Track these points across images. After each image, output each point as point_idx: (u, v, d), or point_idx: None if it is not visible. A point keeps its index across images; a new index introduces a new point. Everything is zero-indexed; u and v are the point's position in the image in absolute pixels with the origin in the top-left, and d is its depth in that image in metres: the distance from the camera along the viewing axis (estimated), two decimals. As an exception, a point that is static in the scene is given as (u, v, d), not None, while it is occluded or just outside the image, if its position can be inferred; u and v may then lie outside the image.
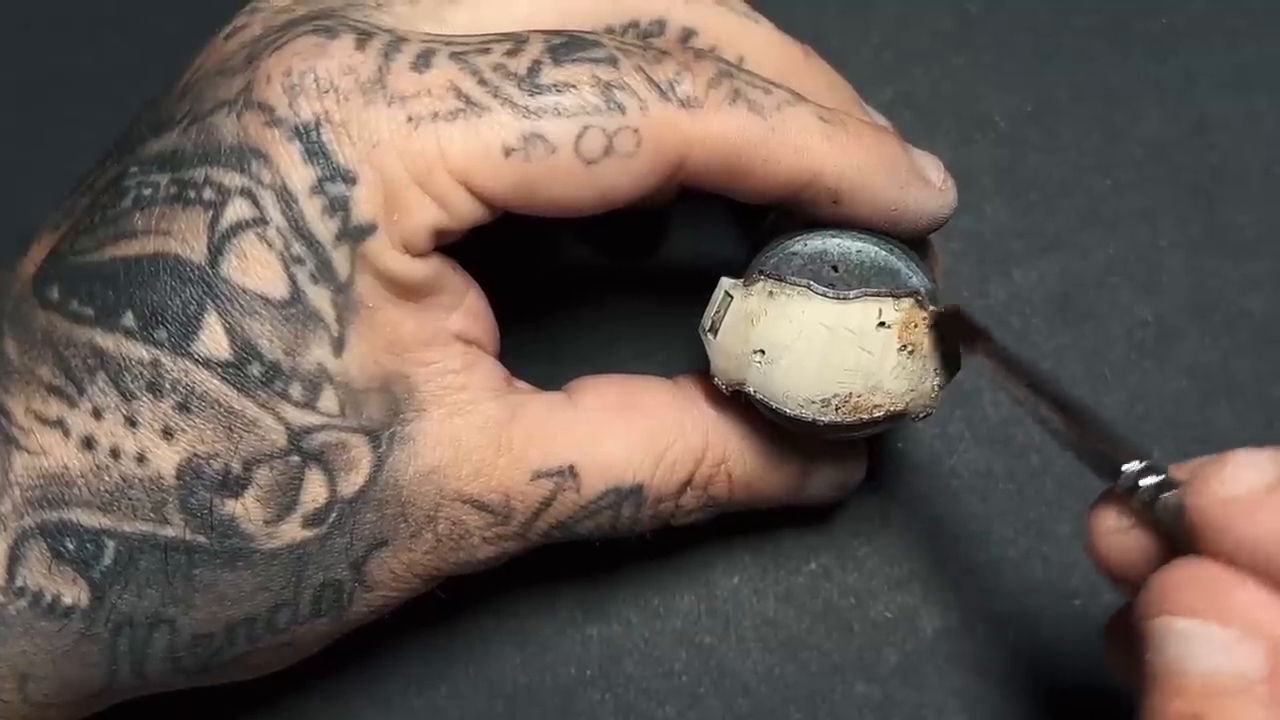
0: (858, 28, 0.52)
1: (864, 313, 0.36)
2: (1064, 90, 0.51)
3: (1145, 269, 0.49)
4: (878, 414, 0.37)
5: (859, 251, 0.37)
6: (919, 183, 0.38)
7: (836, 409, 0.37)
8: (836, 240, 0.37)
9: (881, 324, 0.36)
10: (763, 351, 0.37)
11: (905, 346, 0.37)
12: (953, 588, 0.46)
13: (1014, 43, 0.52)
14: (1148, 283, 0.49)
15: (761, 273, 0.37)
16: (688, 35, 0.39)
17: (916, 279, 0.37)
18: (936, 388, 0.38)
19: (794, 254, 0.37)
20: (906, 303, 0.37)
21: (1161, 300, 0.49)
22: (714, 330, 0.37)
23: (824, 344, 0.36)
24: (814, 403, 0.37)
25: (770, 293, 0.37)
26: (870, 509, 0.47)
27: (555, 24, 0.37)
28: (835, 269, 0.37)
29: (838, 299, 0.36)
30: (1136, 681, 0.32)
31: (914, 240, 0.39)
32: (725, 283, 0.37)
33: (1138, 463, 0.32)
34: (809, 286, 0.36)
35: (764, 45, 0.40)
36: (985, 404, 0.48)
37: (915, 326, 0.37)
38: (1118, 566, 0.34)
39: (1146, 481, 0.32)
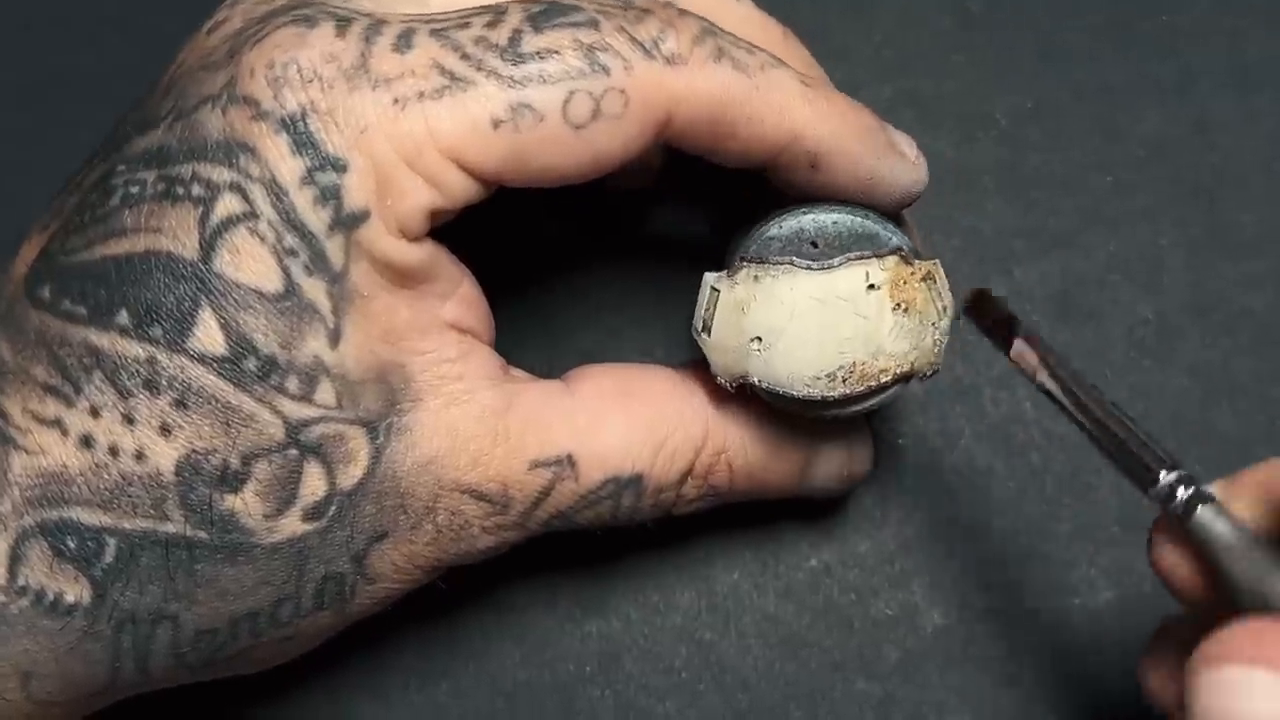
0: (859, 26, 0.52)
1: (851, 278, 0.36)
2: (1065, 89, 0.51)
3: (1146, 268, 0.49)
4: (885, 379, 0.37)
5: (835, 223, 0.37)
6: (894, 154, 0.38)
7: (844, 380, 0.37)
8: (811, 216, 0.37)
9: (871, 286, 0.36)
10: (759, 338, 0.37)
11: (899, 305, 0.37)
12: (953, 585, 0.46)
13: (1015, 41, 0.52)
14: (1148, 281, 0.49)
15: (743, 259, 0.37)
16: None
17: (897, 238, 0.37)
18: (937, 342, 0.38)
19: (771, 237, 0.37)
20: (891, 261, 0.37)
21: (1162, 299, 0.49)
22: (706, 329, 0.37)
23: (818, 317, 0.36)
24: (820, 379, 0.37)
25: (755, 277, 0.37)
26: (871, 506, 0.47)
27: None
28: (814, 244, 0.37)
29: (823, 269, 0.36)
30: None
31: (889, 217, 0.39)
32: (709, 278, 0.37)
33: (1172, 473, 0.32)
34: (791, 262, 0.36)
35: (743, 23, 0.40)
36: (985, 401, 0.48)
37: (905, 283, 0.37)
38: (1175, 581, 0.34)
39: (1181, 493, 0.32)
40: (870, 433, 0.44)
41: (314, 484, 0.35)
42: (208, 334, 0.33)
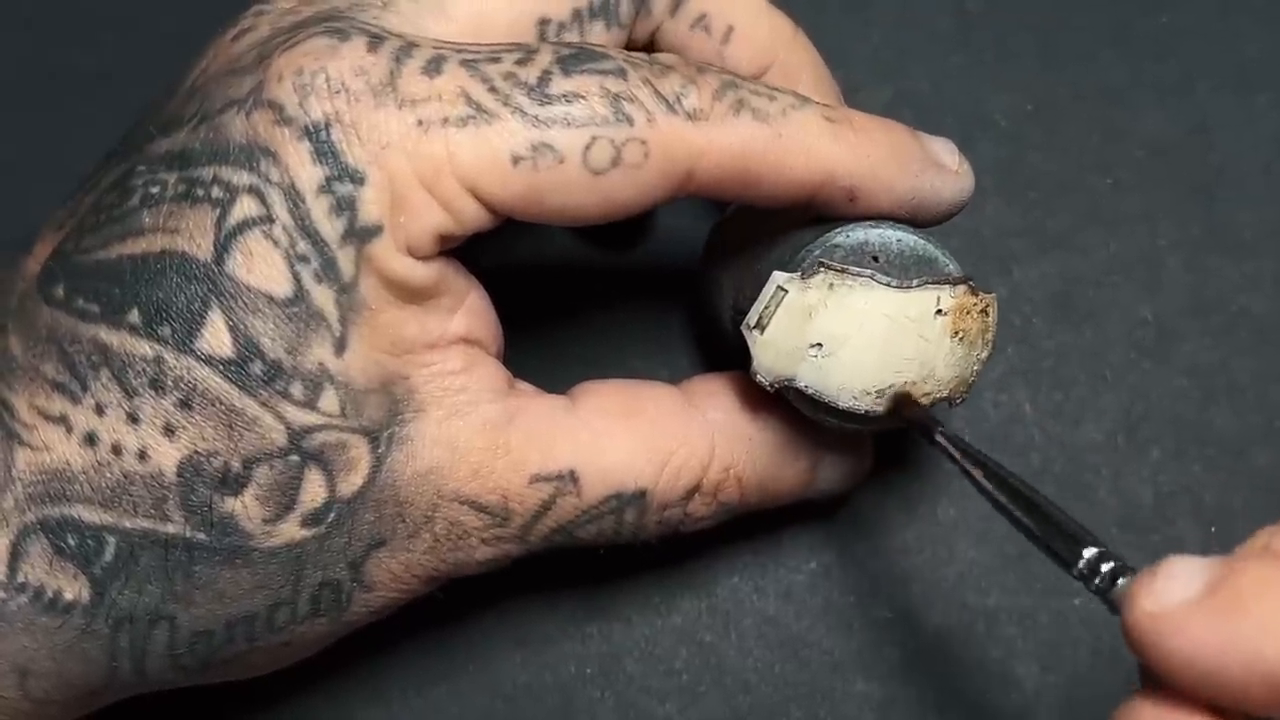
0: (858, 26, 0.52)
1: (924, 301, 0.36)
2: (1064, 89, 0.51)
3: (1145, 268, 0.49)
4: (925, 402, 0.37)
5: (898, 241, 0.37)
6: (933, 169, 0.38)
7: (890, 399, 0.37)
8: (877, 231, 0.37)
9: (939, 311, 0.36)
10: (820, 345, 0.36)
11: (958, 333, 0.36)
12: (953, 586, 0.46)
13: (1014, 42, 0.52)
14: (1148, 282, 0.49)
15: (821, 264, 0.36)
16: (678, 3, 0.39)
17: (953, 264, 0.37)
18: (975, 373, 0.38)
19: (836, 246, 0.37)
20: (961, 290, 0.37)
21: (1161, 300, 0.49)
22: (761, 327, 0.37)
23: (885, 334, 0.36)
24: (869, 394, 0.37)
25: (831, 285, 0.36)
26: (871, 508, 0.47)
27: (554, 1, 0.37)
28: (876, 259, 0.37)
29: (901, 288, 0.36)
30: None
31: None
32: (779, 277, 0.37)
33: (1093, 549, 0.31)
34: (872, 277, 0.36)
35: (753, 16, 0.40)
36: (986, 404, 0.48)
37: (968, 313, 0.37)
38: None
39: (1104, 568, 0.31)
40: (871, 435, 0.43)
41: (314, 490, 0.35)
42: (215, 336, 0.33)
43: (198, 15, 0.39)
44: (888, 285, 0.36)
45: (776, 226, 0.39)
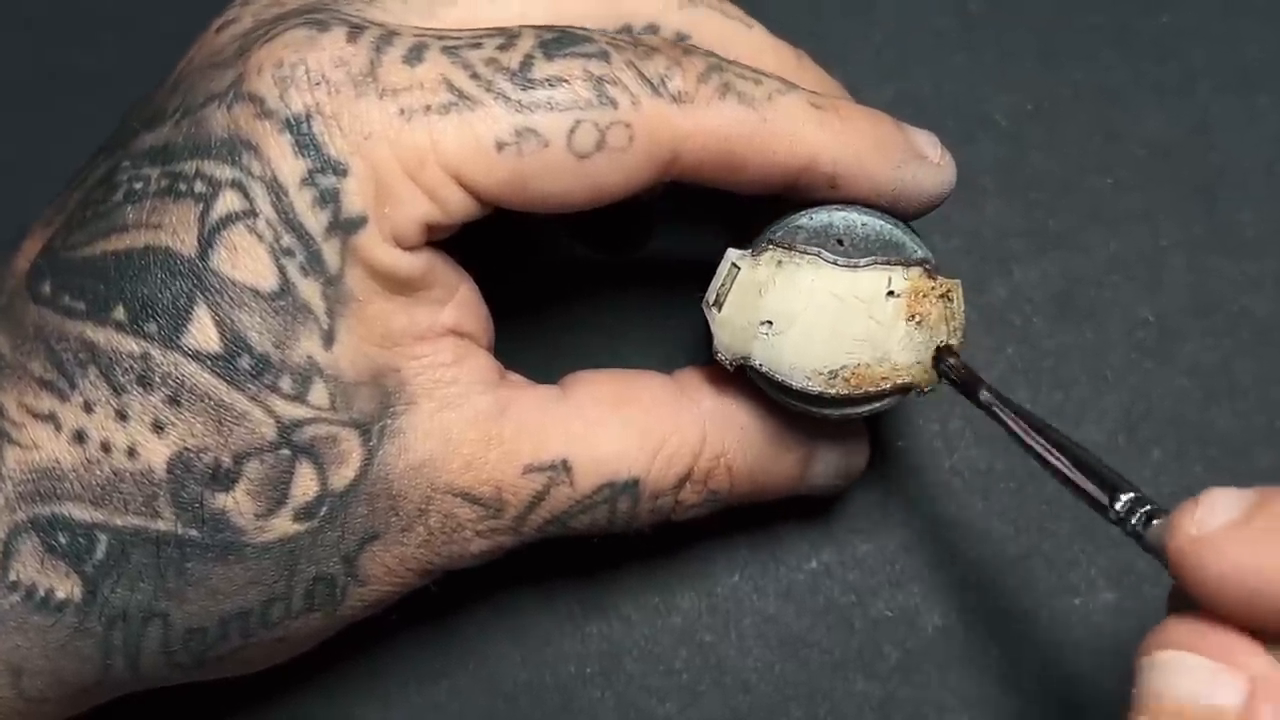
0: (859, 27, 0.52)
1: (874, 281, 0.36)
2: (1065, 89, 0.51)
3: (1146, 268, 0.49)
4: (884, 385, 0.37)
5: (864, 225, 0.37)
6: (916, 161, 0.38)
7: (845, 380, 0.37)
8: (842, 214, 0.37)
9: (891, 293, 0.36)
10: (770, 323, 0.36)
11: (913, 317, 0.36)
12: (953, 585, 0.46)
13: (1015, 42, 0.52)
14: (1149, 282, 0.49)
15: (770, 242, 0.37)
16: (680, 40, 0.39)
17: (922, 250, 0.37)
18: None
19: (799, 227, 0.37)
20: (915, 272, 0.37)
21: (1162, 300, 0.48)
22: (718, 304, 0.37)
23: (833, 313, 0.36)
24: (821, 374, 0.37)
25: (779, 262, 0.36)
26: (871, 507, 0.47)
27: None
28: (840, 242, 0.37)
29: (849, 267, 0.36)
30: None
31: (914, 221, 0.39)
32: (732, 254, 0.37)
33: (1130, 494, 0.33)
34: (819, 255, 0.36)
35: (757, 50, 0.40)
36: (985, 402, 0.48)
37: (924, 296, 0.37)
38: None
39: (1140, 510, 0.32)
40: (866, 430, 0.43)
41: (306, 484, 0.35)
42: (202, 331, 0.33)
43: (198, 15, 0.39)
44: (834, 264, 0.36)
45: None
